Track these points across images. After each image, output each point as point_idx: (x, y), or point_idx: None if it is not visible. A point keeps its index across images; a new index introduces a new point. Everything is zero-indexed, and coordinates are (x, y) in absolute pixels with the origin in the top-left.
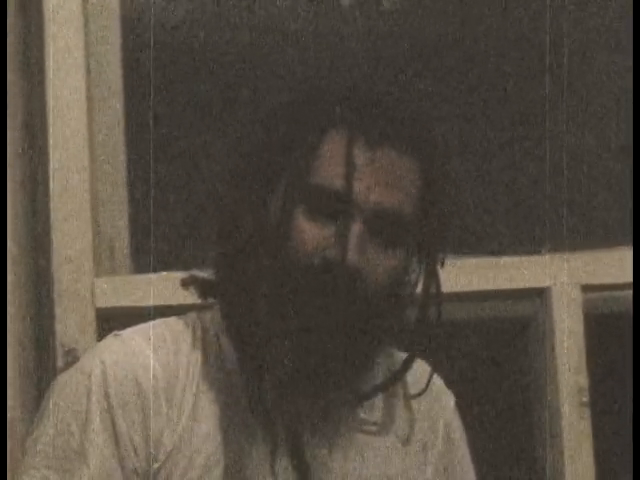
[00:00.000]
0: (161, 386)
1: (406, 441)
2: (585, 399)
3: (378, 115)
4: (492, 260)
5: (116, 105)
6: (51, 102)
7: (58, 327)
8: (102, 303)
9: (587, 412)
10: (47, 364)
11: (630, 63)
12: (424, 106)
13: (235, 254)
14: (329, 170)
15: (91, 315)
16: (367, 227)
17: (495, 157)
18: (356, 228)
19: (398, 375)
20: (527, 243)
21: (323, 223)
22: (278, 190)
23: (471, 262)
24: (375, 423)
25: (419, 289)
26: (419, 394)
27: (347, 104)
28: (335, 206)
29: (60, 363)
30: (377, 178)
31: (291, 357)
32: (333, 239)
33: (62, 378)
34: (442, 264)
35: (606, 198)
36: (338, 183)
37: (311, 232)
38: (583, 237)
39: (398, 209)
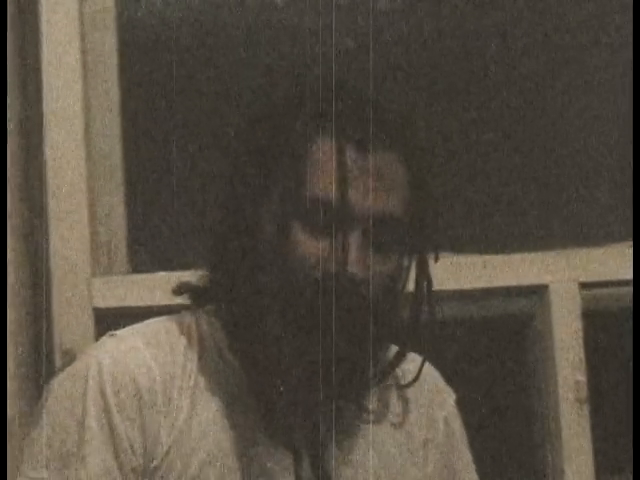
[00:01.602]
0: (158, 384)
1: (400, 429)
2: (583, 395)
3: (365, 117)
4: (490, 257)
5: (113, 104)
6: (47, 101)
7: (56, 327)
8: (99, 303)
9: (585, 408)
10: (45, 364)
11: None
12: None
13: (233, 266)
14: (322, 180)
15: (88, 315)
16: (365, 234)
17: (492, 154)
18: (355, 238)
19: (389, 368)
20: (525, 240)
21: (320, 234)
22: (270, 201)
23: (470, 260)
24: (373, 412)
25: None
26: (410, 383)
27: (333, 106)
28: (332, 217)
29: (58, 363)
30: (371, 184)
31: (296, 362)
32: (332, 251)
33: (58, 379)
34: (436, 260)
35: (605, 195)
36: (333, 194)
37: (309, 245)
38: (581, 234)
39: (393, 213)
